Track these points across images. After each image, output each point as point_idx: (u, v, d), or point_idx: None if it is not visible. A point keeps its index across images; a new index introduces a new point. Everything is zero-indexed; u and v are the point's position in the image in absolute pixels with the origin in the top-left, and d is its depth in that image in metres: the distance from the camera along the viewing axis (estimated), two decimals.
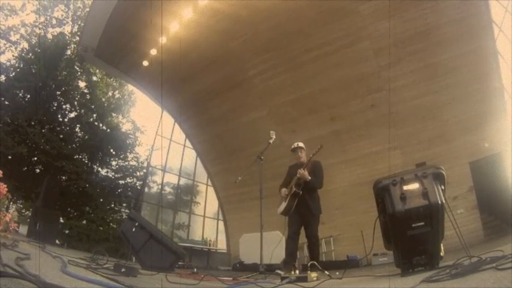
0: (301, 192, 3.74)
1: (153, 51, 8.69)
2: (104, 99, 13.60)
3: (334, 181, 8.80)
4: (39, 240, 5.12)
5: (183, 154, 11.50)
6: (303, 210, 3.76)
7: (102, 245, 9.76)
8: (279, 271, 3.38)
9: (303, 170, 3.71)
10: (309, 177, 3.72)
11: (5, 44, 11.29)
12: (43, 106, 11.21)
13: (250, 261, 6.95)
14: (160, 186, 11.29)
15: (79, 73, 12.88)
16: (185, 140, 11.55)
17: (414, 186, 2.22)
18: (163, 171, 11.21)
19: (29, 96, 11.14)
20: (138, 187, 13.05)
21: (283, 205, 3.86)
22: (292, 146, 4.11)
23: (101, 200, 12.01)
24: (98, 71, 13.29)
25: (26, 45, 11.61)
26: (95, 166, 13.12)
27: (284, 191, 3.93)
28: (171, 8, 7.70)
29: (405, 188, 2.23)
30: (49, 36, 12.22)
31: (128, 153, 13.76)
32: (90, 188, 11.23)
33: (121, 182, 13.44)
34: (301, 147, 4.07)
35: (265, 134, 4.50)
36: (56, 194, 7.89)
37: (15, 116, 10.19)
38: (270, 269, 4.13)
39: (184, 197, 12.01)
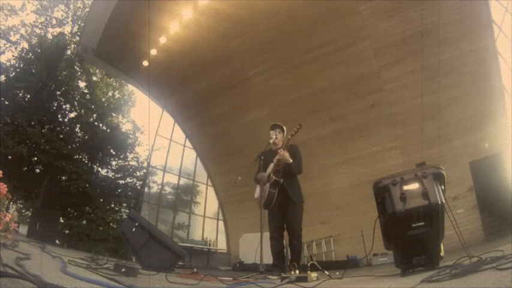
0: (281, 181, 3.39)
1: (153, 51, 8.70)
2: (104, 99, 13.59)
3: (334, 181, 8.82)
4: (39, 240, 5.13)
5: (183, 154, 11.51)
6: (283, 200, 3.45)
7: (102, 245, 9.77)
8: (271, 276, 3.24)
9: (284, 151, 3.34)
10: (291, 160, 3.36)
11: (5, 44, 11.29)
12: (43, 106, 11.21)
13: (250, 261, 6.95)
14: (160, 186, 11.29)
15: (79, 73, 12.87)
16: (185, 140, 11.55)
17: (414, 186, 2.22)
18: (164, 171, 11.21)
19: (29, 96, 11.13)
20: (138, 187, 13.06)
21: (258, 193, 3.49)
22: (272, 124, 3.83)
23: (101, 200, 12.01)
24: (98, 71, 13.29)
25: (26, 45, 11.61)
26: (95, 166, 13.12)
27: (261, 174, 3.50)
28: (171, 8, 7.71)
29: (405, 188, 2.23)
30: (49, 36, 12.22)
31: (128, 153, 13.76)
32: (90, 188, 11.22)
33: (121, 182, 13.43)
34: (280, 126, 3.77)
35: (265, 134, 4.48)
36: (56, 194, 7.88)
37: (15, 116, 10.18)
38: (270, 269, 4.12)
39: (184, 197, 12.01)
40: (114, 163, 13.66)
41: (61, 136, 11.69)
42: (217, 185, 11.50)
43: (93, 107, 12.98)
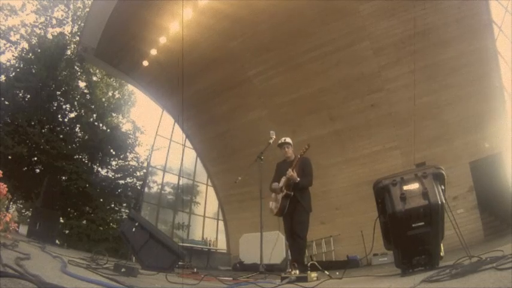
0: (292, 194, 3.69)
1: (153, 51, 8.70)
2: (104, 99, 13.59)
3: (334, 181, 8.81)
4: (39, 240, 5.13)
5: (183, 154, 11.50)
6: (295, 209, 3.71)
7: (102, 245, 9.77)
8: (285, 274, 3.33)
9: (292, 171, 3.65)
10: (298, 179, 3.67)
11: (5, 44, 11.29)
12: (43, 106, 11.20)
13: (250, 261, 6.95)
14: (160, 186, 11.29)
15: (79, 73, 12.88)
16: (185, 140, 11.55)
17: (414, 186, 2.22)
18: (164, 171, 11.21)
19: (29, 96, 11.13)
20: (138, 187, 13.05)
21: (275, 205, 3.81)
22: (279, 141, 4.03)
23: (101, 200, 12.01)
24: (98, 71, 13.30)
25: (26, 45, 11.61)
26: (95, 166, 13.12)
27: (275, 188, 3.84)
28: (171, 8, 7.70)
29: (405, 188, 2.23)
30: (49, 36, 12.22)
31: (127, 153, 13.76)
32: (90, 188, 11.22)
33: (121, 182, 13.43)
34: (288, 143, 4.01)
35: (265, 134, 4.49)
36: (56, 194, 7.88)
37: (15, 116, 10.18)
38: (270, 269, 4.13)
39: (184, 197, 12.01)
40: (114, 163, 13.67)
41: (61, 136, 11.69)
42: (217, 185, 11.49)
43: (93, 107, 12.98)
